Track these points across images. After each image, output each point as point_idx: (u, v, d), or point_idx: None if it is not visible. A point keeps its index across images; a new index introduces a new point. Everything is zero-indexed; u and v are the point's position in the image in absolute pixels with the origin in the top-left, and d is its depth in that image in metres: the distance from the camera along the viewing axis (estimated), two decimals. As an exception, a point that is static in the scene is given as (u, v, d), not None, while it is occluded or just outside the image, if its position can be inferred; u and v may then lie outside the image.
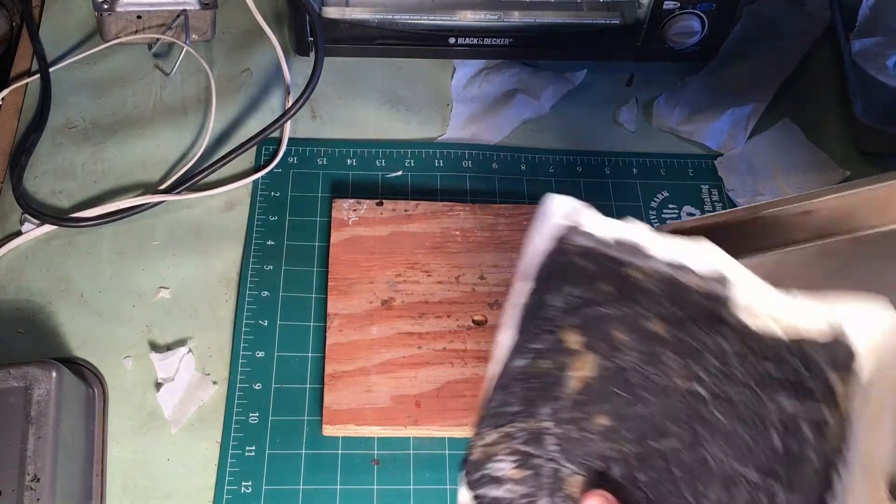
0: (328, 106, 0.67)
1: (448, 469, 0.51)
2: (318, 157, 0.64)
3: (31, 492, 0.43)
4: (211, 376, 0.53)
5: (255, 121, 0.66)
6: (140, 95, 0.66)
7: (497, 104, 0.68)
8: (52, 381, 0.46)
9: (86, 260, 0.58)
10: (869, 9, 0.71)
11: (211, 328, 0.55)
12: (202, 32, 0.68)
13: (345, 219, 0.59)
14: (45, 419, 0.44)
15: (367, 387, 0.52)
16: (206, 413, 0.52)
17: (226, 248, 0.59)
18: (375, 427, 0.50)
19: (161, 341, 0.55)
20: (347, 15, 0.65)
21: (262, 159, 0.63)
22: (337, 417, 0.50)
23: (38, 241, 0.58)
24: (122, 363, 0.54)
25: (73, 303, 0.56)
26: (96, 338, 0.54)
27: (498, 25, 0.66)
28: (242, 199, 0.61)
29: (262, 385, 0.53)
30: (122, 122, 0.65)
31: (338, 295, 0.55)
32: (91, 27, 0.70)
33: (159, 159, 0.63)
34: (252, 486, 0.49)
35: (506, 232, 0.59)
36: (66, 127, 0.64)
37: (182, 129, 0.65)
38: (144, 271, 0.57)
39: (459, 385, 0.52)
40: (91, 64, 0.68)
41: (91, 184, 0.61)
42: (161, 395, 0.52)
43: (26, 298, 0.56)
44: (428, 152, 0.65)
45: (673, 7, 0.63)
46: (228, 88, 0.67)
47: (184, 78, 0.67)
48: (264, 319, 0.56)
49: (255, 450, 0.51)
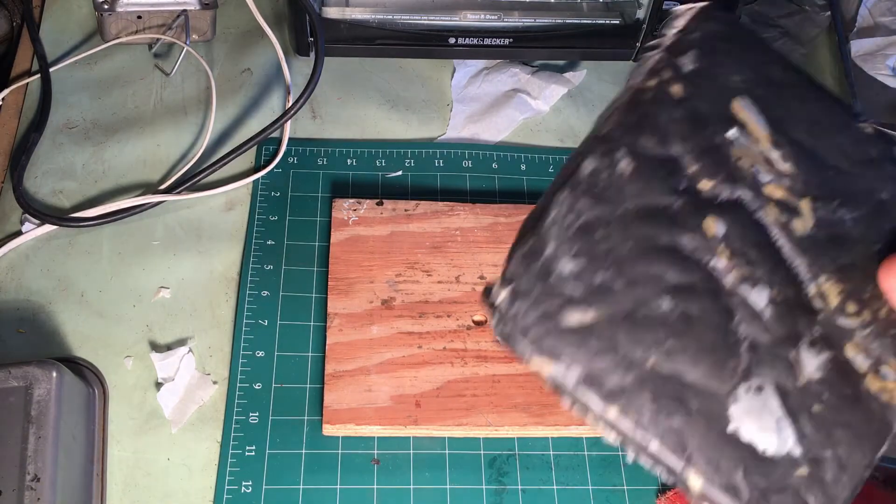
0: (328, 106, 0.67)
1: (448, 469, 0.51)
2: (318, 157, 0.64)
3: (32, 491, 0.43)
4: (211, 376, 0.54)
5: (255, 121, 0.66)
6: (140, 95, 0.66)
7: (497, 104, 0.68)
8: (53, 381, 0.46)
9: (86, 260, 0.58)
10: (868, 9, 0.71)
11: (211, 328, 0.55)
12: (202, 32, 0.68)
13: (345, 218, 0.59)
14: (45, 419, 0.44)
15: (367, 386, 0.52)
16: (207, 413, 0.52)
17: (226, 247, 0.59)
18: (375, 427, 0.51)
19: (161, 341, 0.55)
20: (347, 15, 0.65)
21: (262, 159, 0.63)
22: (337, 417, 0.50)
23: (39, 241, 0.58)
24: (123, 363, 0.54)
25: (74, 302, 0.56)
26: (97, 337, 0.54)
27: (498, 25, 0.66)
28: (243, 199, 0.61)
29: (262, 385, 0.53)
30: (123, 122, 0.65)
31: (338, 294, 0.55)
32: (91, 27, 0.70)
33: (159, 159, 0.63)
34: (252, 485, 0.50)
35: (506, 232, 0.59)
36: (66, 127, 0.64)
37: (182, 129, 0.65)
38: (145, 271, 0.57)
39: (459, 385, 0.52)
40: (91, 64, 0.68)
41: (91, 184, 0.61)
42: (161, 394, 0.52)
43: (26, 298, 0.56)
44: (428, 152, 0.65)
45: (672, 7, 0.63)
46: (229, 88, 0.67)
47: (184, 78, 0.68)
48: (264, 319, 0.56)
49: (256, 449, 0.51)
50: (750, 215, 0.32)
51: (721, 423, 0.29)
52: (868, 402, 0.30)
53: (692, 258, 0.31)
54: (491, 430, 0.51)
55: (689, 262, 0.31)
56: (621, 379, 0.29)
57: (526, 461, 0.52)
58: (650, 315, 0.30)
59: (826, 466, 0.30)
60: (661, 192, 0.31)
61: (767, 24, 0.72)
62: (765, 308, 0.31)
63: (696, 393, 0.30)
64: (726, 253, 0.31)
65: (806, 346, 0.31)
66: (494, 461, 0.52)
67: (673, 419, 0.29)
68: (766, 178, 0.32)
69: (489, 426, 0.51)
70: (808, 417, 0.30)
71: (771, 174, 0.32)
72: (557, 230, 0.30)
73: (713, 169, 0.32)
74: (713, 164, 0.32)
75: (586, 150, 0.32)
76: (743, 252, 0.31)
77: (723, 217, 0.31)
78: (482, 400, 0.51)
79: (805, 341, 0.31)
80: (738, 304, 0.31)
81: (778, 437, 0.30)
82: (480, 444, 0.52)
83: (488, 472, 0.51)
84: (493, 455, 0.52)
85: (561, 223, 0.31)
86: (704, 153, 0.32)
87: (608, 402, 0.29)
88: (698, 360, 0.30)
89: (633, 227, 0.31)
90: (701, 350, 0.30)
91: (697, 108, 0.32)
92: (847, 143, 0.33)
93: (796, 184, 0.32)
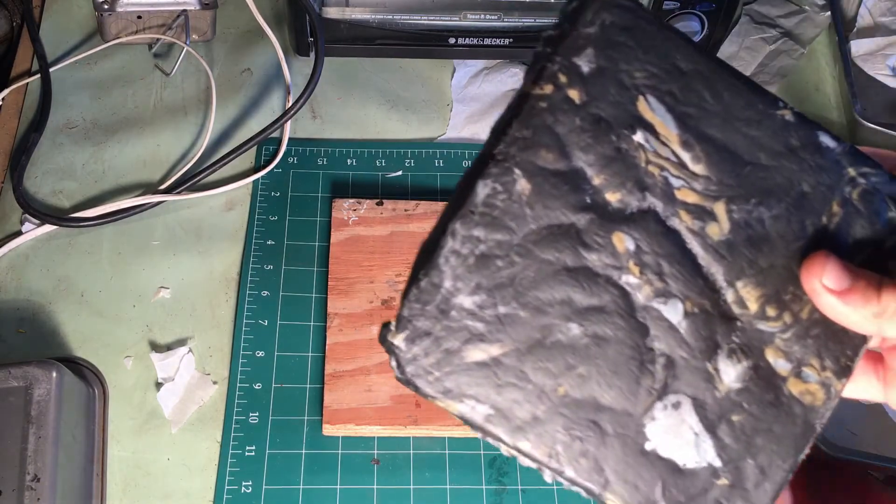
0: (328, 106, 0.67)
1: (448, 469, 0.51)
2: (318, 157, 0.64)
3: (32, 491, 0.43)
4: (211, 376, 0.54)
5: (255, 121, 0.66)
6: (140, 95, 0.66)
7: (497, 104, 0.68)
8: (53, 381, 0.46)
9: (86, 260, 0.58)
10: (868, 9, 0.71)
11: (211, 328, 0.55)
12: (202, 32, 0.68)
13: (345, 218, 0.59)
14: (45, 419, 0.44)
15: (367, 386, 0.52)
16: (207, 413, 0.52)
17: (226, 247, 0.59)
18: (375, 427, 0.51)
19: (161, 341, 0.55)
20: (347, 15, 0.65)
21: (262, 159, 0.63)
22: (337, 417, 0.50)
23: (39, 241, 0.58)
24: (123, 363, 0.54)
25: (74, 302, 0.56)
26: (97, 337, 0.54)
27: (498, 25, 0.66)
28: (242, 199, 0.61)
29: (262, 385, 0.53)
30: (123, 122, 0.65)
31: (338, 294, 0.55)
32: (91, 27, 0.70)
33: (159, 159, 0.63)
34: (252, 485, 0.50)
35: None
36: (66, 127, 0.64)
37: (182, 129, 0.65)
38: (145, 271, 0.57)
39: (459, 385, 0.52)
40: (91, 64, 0.68)
41: (91, 184, 0.61)
42: (161, 394, 0.52)
43: (26, 298, 0.56)
44: (428, 152, 0.65)
45: (673, 7, 0.63)
46: (228, 88, 0.67)
47: (184, 78, 0.67)
48: (264, 319, 0.56)
49: (256, 449, 0.51)
50: (662, 224, 0.30)
51: (638, 442, 0.29)
52: (790, 405, 0.30)
53: (602, 276, 0.30)
54: (491, 430, 0.51)
55: (599, 282, 0.30)
56: (532, 410, 0.29)
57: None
58: (559, 342, 0.29)
59: (747, 475, 0.30)
60: (564, 210, 0.30)
61: (767, 24, 0.72)
62: (680, 321, 0.30)
63: (611, 415, 0.29)
64: (637, 268, 0.30)
65: (724, 357, 0.30)
66: (494, 461, 0.51)
67: (587, 444, 0.29)
68: (677, 183, 0.30)
69: (489, 426, 0.51)
70: (728, 428, 0.30)
71: (682, 178, 0.30)
72: (454, 263, 0.29)
73: (620, 179, 0.30)
74: (620, 174, 0.30)
75: (479, 171, 0.29)
76: (656, 265, 0.30)
77: (633, 230, 0.30)
78: (482, 400, 0.51)
79: (723, 351, 0.30)
80: (652, 320, 0.30)
81: (697, 451, 0.29)
82: (480, 444, 0.52)
83: (488, 472, 0.51)
84: (494, 455, 0.52)
85: (457, 255, 0.29)
86: (610, 162, 0.30)
87: (518, 435, 0.29)
88: (612, 382, 0.29)
89: (537, 251, 0.29)
90: (614, 372, 0.29)
91: (599, 114, 0.30)
92: (765, 135, 0.31)
93: (710, 186, 0.31)
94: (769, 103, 0.31)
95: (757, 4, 0.73)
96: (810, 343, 0.30)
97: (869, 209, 0.31)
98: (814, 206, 0.31)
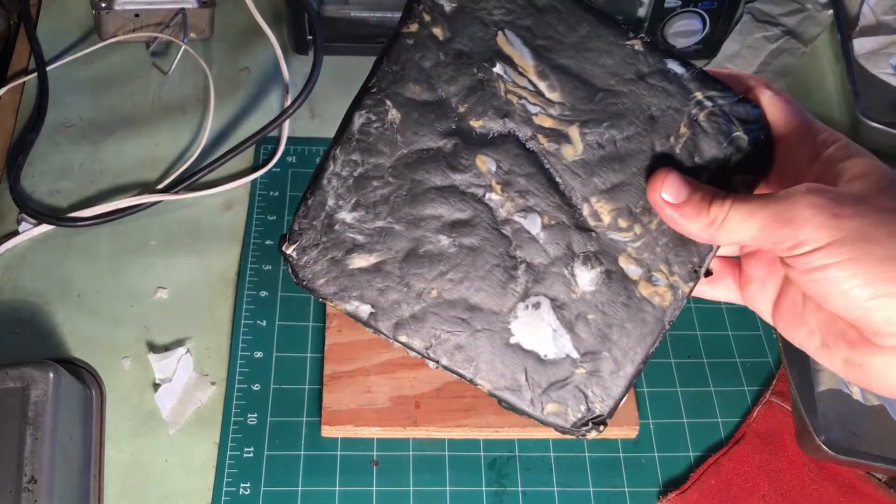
0: (327, 105, 0.67)
1: (448, 470, 0.51)
2: (317, 156, 0.63)
3: (29, 493, 0.42)
4: (209, 377, 0.53)
5: (253, 120, 0.65)
6: (138, 94, 0.66)
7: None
8: (50, 382, 0.45)
9: (83, 260, 0.57)
10: (871, 8, 0.70)
11: (209, 328, 0.55)
12: (200, 31, 0.68)
13: (344, 218, 0.59)
14: (42, 420, 0.44)
15: (366, 387, 0.51)
16: (205, 414, 0.52)
17: (224, 247, 0.59)
18: (375, 428, 0.50)
19: (159, 342, 0.54)
20: (346, 13, 0.65)
21: (260, 158, 0.63)
22: (336, 418, 0.50)
23: (36, 241, 0.58)
24: (120, 364, 0.53)
25: (71, 303, 0.55)
26: (94, 338, 0.54)
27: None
28: (241, 199, 0.61)
29: (260, 386, 0.53)
30: (120, 121, 0.64)
31: (337, 295, 0.55)
32: (89, 25, 0.69)
33: (157, 158, 0.63)
34: (250, 487, 0.49)
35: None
36: (63, 126, 0.64)
37: (180, 128, 0.64)
38: (142, 271, 0.57)
39: (459, 385, 0.52)
40: (89, 62, 0.67)
41: (89, 183, 0.61)
42: (159, 395, 0.52)
43: (24, 299, 0.55)
44: (427, 151, 0.64)
45: (674, 5, 0.63)
46: (227, 87, 0.67)
47: (182, 77, 0.67)
48: (263, 320, 0.55)
49: (254, 451, 0.51)
50: (522, 147, 0.34)
51: (504, 337, 0.34)
52: (642, 305, 0.34)
53: (468, 194, 0.34)
54: (491, 432, 0.51)
55: (466, 199, 0.34)
56: (410, 309, 0.34)
57: (526, 462, 0.51)
58: (431, 251, 0.34)
59: (603, 364, 0.35)
60: (431, 136, 0.34)
61: (769, 23, 0.72)
62: (538, 232, 0.34)
63: (480, 314, 0.34)
64: (499, 187, 0.34)
65: (580, 263, 0.34)
66: (494, 463, 0.51)
67: (459, 338, 0.34)
68: (534, 110, 0.34)
69: (489, 427, 0.51)
70: (584, 325, 0.34)
71: (539, 105, 0.34)
72: (335, 184, 0.34)
73: (482, 107, 0.34)
74: (481, 102, 0.34)
75: (356, 104, 0.34)
76: (517, 184, 0.34)
77: (495, 152, 0.34)
78: (482, 401, 0.51)
79: (579, 259, 0.34)
80: (514, 232, 0.34)
81: (555, 344, 0.34)
82: (480, 445, 0.52)
83: (488, 474, 0.51)
84: (494, 456, 0.51)
85: (338, 177, 0.34)
86: (472, 92, 0.34)
87: (398, 331, 0.34)
88: (479, 286, 0.34)
89: (409, 172, 0.34)
90: (482, 278, 0.34)
91: (461, 49, 0.34)
92: (616, 63, 0.34)
93: (564, 111, 0.34)
94: (620, 34, 0.34)
95: (759, 2, 0.73)
96: (659, 251, 0.34)
97: (715, 129, 0.33)
98: (663, 128, 0.34)
